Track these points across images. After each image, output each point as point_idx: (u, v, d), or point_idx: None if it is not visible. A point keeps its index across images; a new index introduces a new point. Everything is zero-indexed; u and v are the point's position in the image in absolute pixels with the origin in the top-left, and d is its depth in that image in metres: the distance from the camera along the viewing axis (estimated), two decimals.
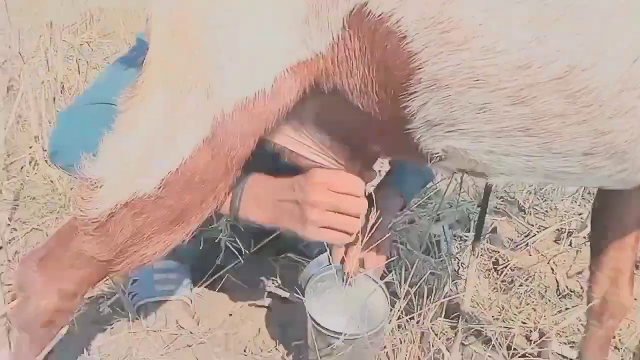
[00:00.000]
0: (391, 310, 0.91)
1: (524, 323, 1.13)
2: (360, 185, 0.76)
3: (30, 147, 1.71)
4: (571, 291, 1.27)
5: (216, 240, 1.08)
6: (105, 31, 3.74)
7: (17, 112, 1.88)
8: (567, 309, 1.19)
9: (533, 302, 1.22)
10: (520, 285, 1.25)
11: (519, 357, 0.97)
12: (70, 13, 4.34)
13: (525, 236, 1.49)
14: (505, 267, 1.32)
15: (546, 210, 1.62)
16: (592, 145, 0.59)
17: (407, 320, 0.97)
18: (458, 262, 1.34)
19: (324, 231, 0.74)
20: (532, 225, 1.54)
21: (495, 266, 1.36)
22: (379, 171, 1.78)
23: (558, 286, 1.29)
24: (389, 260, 1.09)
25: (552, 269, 1.35)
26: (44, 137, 1.75)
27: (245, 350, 1.04)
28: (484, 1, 0.55)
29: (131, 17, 4.00)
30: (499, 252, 1.41)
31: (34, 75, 2.19)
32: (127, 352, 1.00)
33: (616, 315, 0.87)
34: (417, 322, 0.97)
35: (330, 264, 0.86)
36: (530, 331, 1.11)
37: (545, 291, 1.26)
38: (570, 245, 1.45)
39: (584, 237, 1.46)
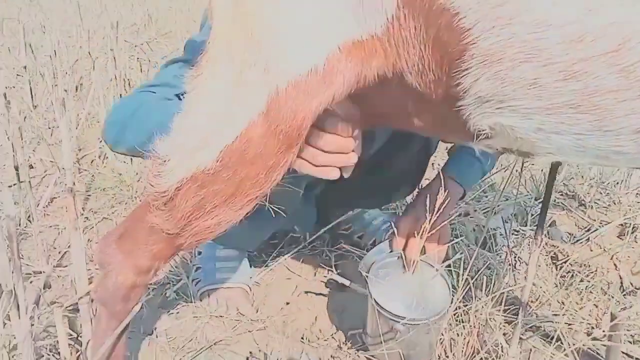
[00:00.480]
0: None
1: (584, 319, 1.10)
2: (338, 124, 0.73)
3: (100, 142, 1.82)
4: (636, 289, 1.22)
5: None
6: (163, 31, 3.90)
7: (88, 109, 2.00)
8: (631, 306, 1.14)
9: (595, 298, 1.18)
10: (581, 281, 1.22)
11: (583, 354, 0.95)
12: (130, 14, 4.55)
13: (586, 231, 1.45)
14: (565, 262, 1.29)
15: (609, 205, 1.56)
16: None
17: (464, 312, 0.98)
18: (515, 257, 1.32)
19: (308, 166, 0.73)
20: (594, 220, 1.49)
21: (554, 261, 1.33)
22: (432, 164, 1.77)
23: (622, 283, 1.24)
24: (449, 243, 1.08)
25: (616, 265, 1.30)
26: None
27: (302, 338, 1.07)
28: None
29: (186, 16, 4.15)
30: (558, 246, 1.37)
31: (103, 73, 2.33)
32: (191, 335, 1.06)
33: None
34: (475, 314, 0.97)
35: (391, 251, 0.87)
36: (593, 328, 1.08)
37: (608, 287, 1.21)
38: (635, 240, 1.39)
39: None
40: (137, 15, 4.38)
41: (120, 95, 2.04)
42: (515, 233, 1.44)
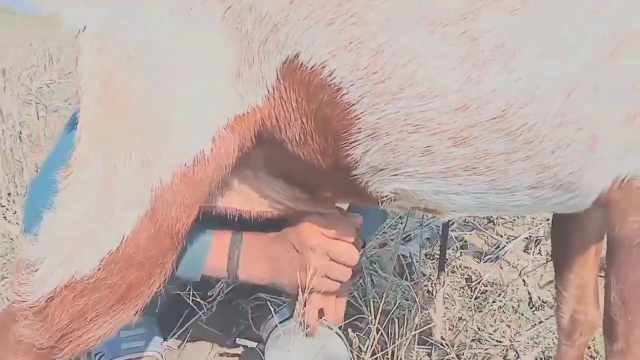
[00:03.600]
0: (366, 342, 0.90)
1: (500, 342, 1.13)
2: (352, 231, 0.78)
3: None
4: (544, 302, 1.28)
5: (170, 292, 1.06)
6: (65, 71, 3.70)
7: None
8: (540, 322, 1.19)
9: (507, 317, 1.22)
10: (494, 302, 1.25)
11: None
12: (30, 54, 4.29)
13: (496, 248, 1.50)
14: (478, 283, 1.33)
15: (514, 219, 1.64)
16: (538, 179, 0.59)
17: (382, 356, 0.96)
18: (432, 283, 1.34)
19: (322, 280, 0.76)
20: (502, 236, 1.56)
21: (468, 283, 1.36)
22: None
23: (531, 298, 1.29)
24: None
25: (524, 281, 1.36)
26: (3, 191, 1.71)
27: None
28: (414, 48, 0.55)
29: None
30: (470, 267, 1.41)
31: None
32: None
33: (586, 332, 0.87)
34: (392, 355, 0.96)
35: (291, 316, 0.84)
36: (507, 350, 1.11)
37: (519, 305, 1.26)
38: (539, 253, 1.46)
39: None
40: (36, 56, 4.13)
41: (12, 149, 1.89)
42: (431, 258, 1.47)
